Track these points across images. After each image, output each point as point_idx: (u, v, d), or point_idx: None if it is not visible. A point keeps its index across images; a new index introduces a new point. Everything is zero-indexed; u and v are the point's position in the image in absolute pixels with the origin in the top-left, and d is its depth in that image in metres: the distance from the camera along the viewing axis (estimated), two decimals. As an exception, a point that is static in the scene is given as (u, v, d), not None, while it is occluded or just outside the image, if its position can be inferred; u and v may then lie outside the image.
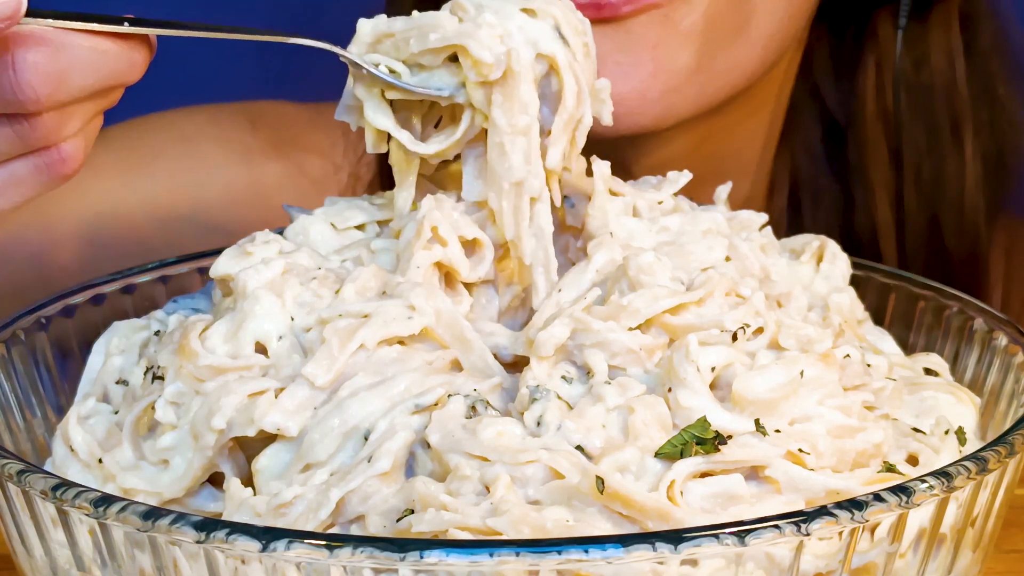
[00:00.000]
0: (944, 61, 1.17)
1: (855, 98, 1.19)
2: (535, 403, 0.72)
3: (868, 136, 1.19)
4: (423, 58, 0.79)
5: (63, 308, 0.89)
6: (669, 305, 0.76)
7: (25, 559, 0.75)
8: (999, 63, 1.19)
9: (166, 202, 1.23)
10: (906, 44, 1.17)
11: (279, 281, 0.78)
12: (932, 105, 1.18)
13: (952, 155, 1.18)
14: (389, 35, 0.80)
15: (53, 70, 0.74)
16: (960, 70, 1.17)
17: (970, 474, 0.69)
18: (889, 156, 1.19)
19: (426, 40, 0.78)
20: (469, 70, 0.78)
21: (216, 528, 0.64)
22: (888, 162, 1.19)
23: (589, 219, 0.82)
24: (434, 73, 0.79)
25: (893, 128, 1.19)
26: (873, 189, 1.20)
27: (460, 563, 0.62)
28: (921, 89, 1.18)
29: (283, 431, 0.73)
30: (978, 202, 1.19)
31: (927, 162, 1.19)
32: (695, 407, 0.72)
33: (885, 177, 1.19)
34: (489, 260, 0.80)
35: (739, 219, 0.86)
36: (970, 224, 1.19)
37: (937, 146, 1.18)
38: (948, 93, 1.18)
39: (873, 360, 0.81)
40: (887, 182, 1.19)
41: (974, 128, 1.18)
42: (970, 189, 1.18)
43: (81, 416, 0.79)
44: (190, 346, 0.76)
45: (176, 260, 0.95)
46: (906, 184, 1.19)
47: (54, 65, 0.74)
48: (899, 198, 1.20)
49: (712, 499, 0.69)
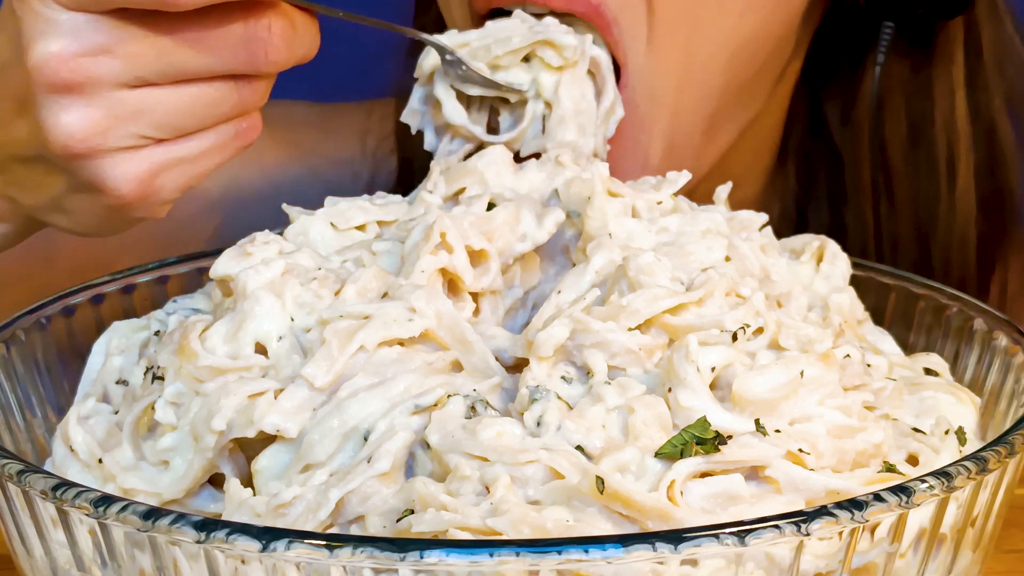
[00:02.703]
0: (946, 92, 1.15)
1: (851, 128, 1.18)
2: (535, 403, 0.72)
3: (861, 163, 1.18)
4: (504, 60, 0.91)
5: (63, 308, 0.89)
6: (669, 305, 0.76)
7: (25, 559, 0.75)
8: (999, 94, 1.17)
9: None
10: (910, 75, 1.16)
11: (279, 282, 0.78)
12: (930, 136, 1.17)
13: (945, 187, 1.17)
14: (464, 45, 0.91)
15: (290, 39, 0.81)
16: (961, 103, 1.16)
17: (970, 474, 0.69)
18: (882, 187, 1.18)
19: (509, 43, 0.91)
20: (553, 58, 0.91)
21: (216, 528, 0.64)
22: (881, 190, 1.18)
23: (588, 220, 0.82)
24: (510, 71, 0.92)
25: (886, 159, 1.18)
26: (864, 217, 1.19)
27: (460, 563, 0.62)
28: (919, 118, 1.17)
29: (282, 432, 0.73)
30: (969, 235, 1.17)
31: (918, 191, 1.18)
32: (695, 407, 0.72)
33: (876, 206, 1.19)
34: (495, 271, 0.80)
35: (739, 219, 0.86)
36: (959, 259, 1.18)
37: (931, 176, 1.17)
38: (947, 125, 1.16)
39: (873, 360, 0.81)
40: (878, 211, 1.19)
41: (970, 160, 1.16)
42: (961, 222, 1.17)
43: (81, 416, 0.79)
44: (190, 346, 0.76)
45: (176, 260, 0.95)
46: (896, 213, 1.18)
47: (290, 34, 0.81)
48: (890, 227, 1.19)
49: (712, 499, 0.69)
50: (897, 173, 1.17)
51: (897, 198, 1.18)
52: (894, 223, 1.18)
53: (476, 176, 0.85)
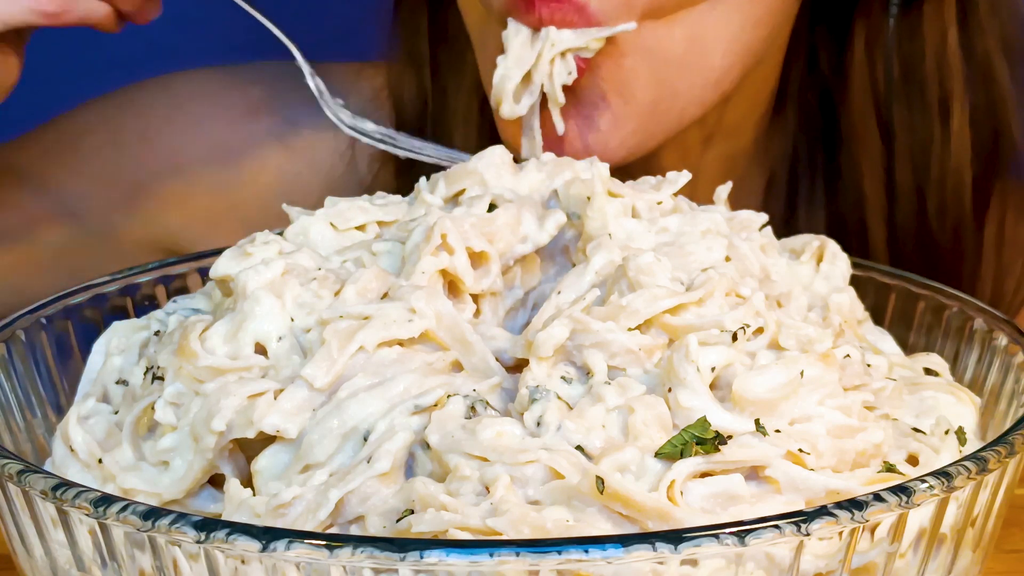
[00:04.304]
0: (937, 32, 1.14)
1: (844, 68, 1.17)
2: (535, 403, 0.72)
3: (856, 108, 1.17)
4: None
5: (63, 308, 0.89)
6: (669, 305, 0.76)
7: (25, 559, 0.75)
8: (994, 36, 1.16)
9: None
10: (900, 14, 1.15)
11: (279, 282, 0.78)
12: (922, 76, 1.16)
13: (939, 129, 1.16)
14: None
15: None
16: (952, 41, 1.15)
17: (970, 474, 0.69)
18: (879, 130, 1.18)
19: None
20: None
21: (216, 528, 0.64)
22: (877, 137, 1.17)
23: (588, 220, 0.82)
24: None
25: (882, 100, 1.17)
26: (861, 165, 1.18)
27: (460, 563, 0.62)
28: (911, 60, 1.16)
29: (282, 432, 0.73)
30: (964, 178, 1.16)
31: (915, 136, 1.17)
32: (695, 407, 0.72)
33: (873, 152, 1.17)
34: (495, 273, 0.80)
35: (739, 219, 0.86)
36: (954, 202, 1.17)
37: (925, 119, 1.16)
38: (939, 64, 1.15)
39: (873, 360, 0.81)
40: (875, 158, 1.18)
41: (964, 102, 1.15)
42: (955, 165, 1.16)
43: (81, 416, 0.79)
44: (190, 347, 0.76)
45: (176, 260, 0.95)
46: (894, 159, 1.17)
47: None
48: (888, 174, 1.18)
49: (712, 499, 0.69)
50: (889, 114, 1.17)
51: (892, 141, 1.17)
52: (890, 167, 1.18)
53: (476, 177, 0.85)
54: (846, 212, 1.19)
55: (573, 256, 0.83)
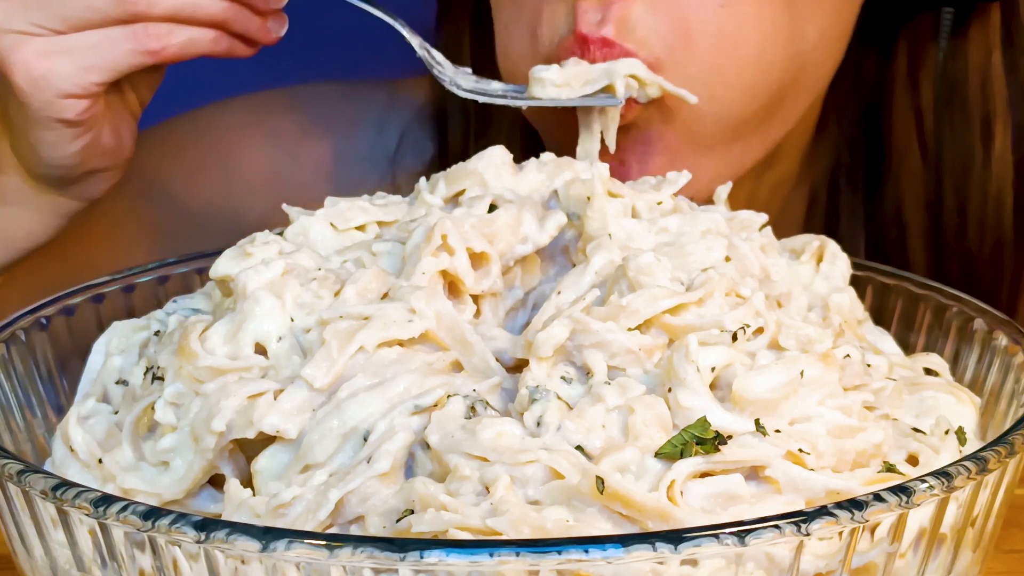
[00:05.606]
0: (981, 54, 1.14)
1: (887, 87, 1.17)
2: (535, 403, 0.72)
3: (898, 127, 1.17)
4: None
5: (63, 308, 0.89)
6: (668, 305, 0.76)
7: (25, 559, 0.75)
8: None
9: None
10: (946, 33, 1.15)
11: (279, 282, 0.78)
12: (965, 97, 1.16)
13: (981, 150, 1.16)
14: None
15: None
16: (997, 63, 1.14)
17: (970, 474, 0.69)
18: (920, 150, 1.17)
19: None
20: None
21: (216, 528, 0.64)
22: (918, 156, 1.17)
23: (588, 221, 0.82)
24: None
25: (925, 120, 1.16)
26: (902, 183, 1.18)
27: (460, 563, 0.62)
28: (955, 80, 1.16)
29: (282, 433, 0.73)
30: (1005, 198, 1.16)
31: (957, 156, 1.16)
32: (695, 407, 0.72)
33: (914, 171, 1.17)
34: (495, 274, 0.80)
35: (739, 219, 0.86)
36: (995, 221, 1.16)
37: (967, 139, 1.16)
38: (983, 85, 1.15)
39: (873, 360, 0.81)
40: (916, 176, 1.17)
41: (1007, 123, 1.15)
42: (996, 185, 1.15)
43: (81, 416, 0.79)
44: (190, 347, 0.76)
45: (176, 260, 0.95)
46: (936, 178, 1.17)
47: None
48: (929, 193, 1.18)
49: (712, 499, 0.69)
50: (932, 134, 1.17)
51: (934, 160, 1.17)
52: (931, 186, 1.18)
53: (476, 177, 0.85)
54: (886, 230, 1.19)
55: (573, 256, 0.83)
